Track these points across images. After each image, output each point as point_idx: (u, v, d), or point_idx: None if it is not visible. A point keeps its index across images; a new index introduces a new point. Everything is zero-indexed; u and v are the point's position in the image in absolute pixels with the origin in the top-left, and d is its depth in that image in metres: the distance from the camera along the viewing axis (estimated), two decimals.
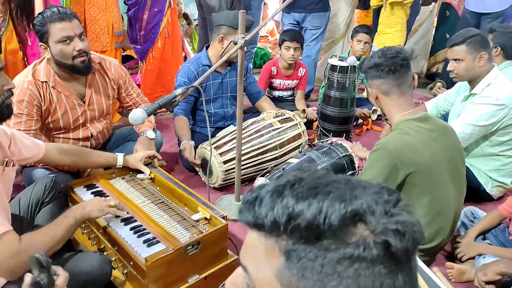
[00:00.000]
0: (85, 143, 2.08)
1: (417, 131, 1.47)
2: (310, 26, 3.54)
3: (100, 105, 2.04)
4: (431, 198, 1.48)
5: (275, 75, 3.14)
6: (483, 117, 1.98)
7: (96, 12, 2.85)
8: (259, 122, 2.31)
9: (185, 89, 1.52)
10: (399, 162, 1.42)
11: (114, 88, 2.08)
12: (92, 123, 2.06)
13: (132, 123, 1.40)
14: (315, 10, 3.45)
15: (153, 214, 1.54)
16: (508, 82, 2.05)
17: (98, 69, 2.00)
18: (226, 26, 2.30)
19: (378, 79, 1.48)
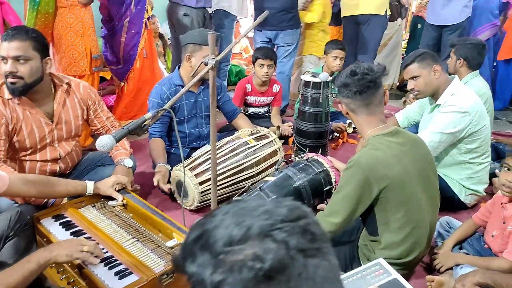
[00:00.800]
0: (53, 166, 2.01)
1: (388, 146, 1.48)
2: (282, 43, 3.58)
3: (68, 125, 1.99)
4: (406, 211, 1.48)
5: (249, 92, 3.15)
6: (450, 125, 2.02)
7: (74, 37, 2.82)
8: (234, 141, 2.29)
9: (155, 112, 1.48)
10: (371, 177, 1.42)
11: (83, 109, 2.04)
12: (60, 143, 2.00)
13: (99, 149, 1.35)
14: (287, 28, 3.50)
15: (126, 243, 1.49)
16: (470, 92, 2.13)
17: (67, 89, 1.96)
18: (192, 44, 2.30)
19: (347, 98, 1.51)
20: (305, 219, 0.54)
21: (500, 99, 4.21)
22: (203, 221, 0.57)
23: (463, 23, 3.65)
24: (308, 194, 2.05)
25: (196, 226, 0.57)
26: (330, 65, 3.21)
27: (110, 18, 3.02)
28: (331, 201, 1.54)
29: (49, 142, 1.95)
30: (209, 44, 1.71)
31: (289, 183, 2.03)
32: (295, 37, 3.62)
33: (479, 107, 2.08)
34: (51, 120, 1.92)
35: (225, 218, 0.54)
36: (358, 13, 3.78)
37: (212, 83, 1.75)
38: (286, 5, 3.42)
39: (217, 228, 0.53)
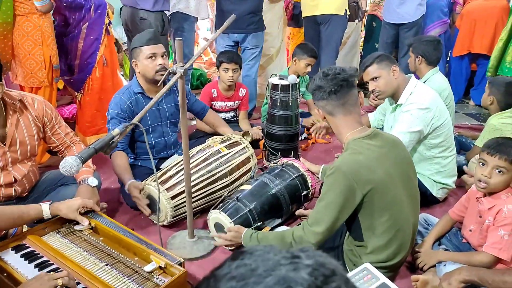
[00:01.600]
0: (8, 191, 1.83)
1: (369, 149, 1.47)
2: (250, 46, 3.53)
3: (23, 146, 1.82)
4: (390, 215, 1.46)
5: (215, 97, 3.06)
6: (414, 122, 2.05)
7: (31, 46, 2.59)
8: (205, 150, 2.20)
9: (123, 128, 1.37)
10: (354, 182, 1.40)
11: (39, 126, 1.87)
12: (15, 166, 1.82)
13: (64, 174, 1.22)
14: (254, 30, 3.45)
15: (99, 272, 1.36)
16: (427, 88, 2.18)
17: (19, 107, 1.79)
18: (134, 49, 2.21)
19: (322, 100, 1.50)
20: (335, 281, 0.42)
21: (455, 94, 4.37)
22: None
23: (418, 21, 3.77)
24: (286, 200, 2.01)
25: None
26: (301, 70, 3.16)
27: (65, 24, 2.82)
28: (314, 210, 1.50)
29: (2, 167, 1.77)
30: (177, 50, 1.62)
31: (266, 190, 1.97)
32: (261, 39, 3.57)
33: (438, 102, 2.13)
34: (4, 143, 1.75)
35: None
36: (319, 13, 3.79)
37: (181, 92, 1.66)
38: (253, 7, 3.36)
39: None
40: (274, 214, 1.98)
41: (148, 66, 2.16)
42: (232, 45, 3.55)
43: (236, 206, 1.89)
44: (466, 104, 4.43)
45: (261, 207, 1.91)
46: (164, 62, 2.16)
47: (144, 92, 2.25)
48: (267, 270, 0.43)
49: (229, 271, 0.44)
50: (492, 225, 1.57)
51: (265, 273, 0.42)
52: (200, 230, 2.04)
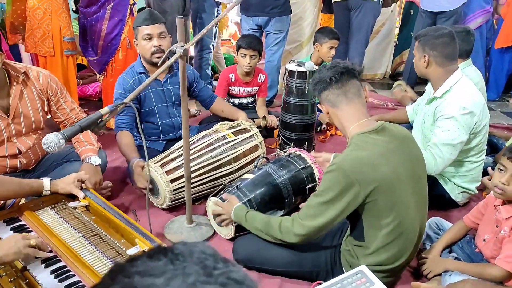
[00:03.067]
0: (13, 162, 1.86)
1: (374, 144, 1.35)
2: (273, 30, 3.40)
3: (27, 119, 1.83)
4: (394, 216, 1.35)
5: (233, 82, 2.98)
6: (459, 131, 1.84)
7: (41, 15, 2.63)
8: (211, 135, 2.14)
9: (113, 107, 1.33)
10: (356, 182, 1.29)
11: (43, 100, 1.88)
12: (19, 138, 1.85)
13: (45, 149, 1.20)
14: (278, 14, 3.32)
15: (82, 251, 1.35)
16: (471, 86, 1.93)
17: (23, 79, 1.79)
18: (134, 29, 2.18)
19: (324, 91, 1.43)
20: None
21: (493, 89, 4.08)
22: None
23: (458, 9, 3.49)
24: (289, 192, 1.92)
25: None
26: (325, 55, 3.00)
27: (89, 3, 2.82)
28: (307, 204, 1.41)
29: (7, 138, 1.80)
30: (178, 30, 1.55)
31: (269, 180, 1.90)
32: (286, 24, 3.43)
33: (481, 104, 1.91)
34: (7, 114, 1.77)
35: None
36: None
37: (182, 73, 1.60)
38: None
39: None
40: (275, 206, 1.90)
41: (145, 47, 2.14)
42: (256, 28, 3.44)
43: (235, 194, 1.82)
44: (506, 102, 4.11)
45: (261, 198, 1.84)
46: (160, 43, 2.11)
47: (146, 72, 2.22)
48: None
49: (143, 270, 0.42)
50: (508, 236, 1.41)
51: None
52: (200, 216, 2.00)
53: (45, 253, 1.28)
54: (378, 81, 4.88)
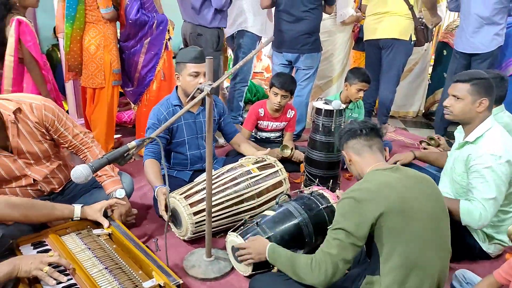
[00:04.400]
0: (34, 188, 1.90)
1: (384, 175, 1.44)
2: (302, 66, 3.48)
3: (32, 153, 1.83)
4: (406, 245, 1.35)
5: (262, 116, 3.03)
6: (500, 180, 1.77)
7: (94, 50, 2.83)
8: (236, 169, 2.17)
9: (140, 141, 1.39)
10: (365, 207, 1.35)
11: (42, 131, 1.85)
12: (31, 168, 1.86)
13: (74, 181, 1.27)
14: (308, 51, 3.39)
15: (101, 280, 1.38)
16: (502, 135, 1.86)
17: (16, 117, 1.75)
18: (178, 63, 2.24)
19: (352, 140, 1.58)
20: None
21: None
22: None
23: (494, 52, 3.42)
24: (310, 232, 1.89)
25: None
26: (352, 96, 3.01)
27: (128, 37, 3.01)
28: (327, 236, 1.45)
29: (19, 173, 1.83)
30: (207, 69, 1.62)
31: (289, 219, 1.88)
32: (316, 61, 3.50)
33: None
34: (11, 151, 1.79)
35: None
36: (381, 37, 3.63)
37: (208, 110, 1.66)
38: (308, 28, 3.31)
39: None
40: (295, 244, 1.87)
41: (190, 83, 2.20)
42: (286, 64, 3.52)
43: (255, 231, 1.82)
44: None
45: (281, 236, 1.82)
46: (204, 81, 2.19)
47: (181, 105, 2.30)
48: None
49: None
50: None
51: None
52: (219, 250, 2.00)
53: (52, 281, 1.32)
54: (410, 119, 4.80)
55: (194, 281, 1.82)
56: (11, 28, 2.39)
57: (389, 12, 3.57)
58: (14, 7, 2.45)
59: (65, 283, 1.34)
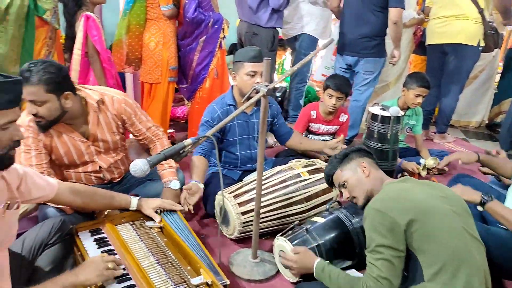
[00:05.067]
0: (97, 175, 2.04)
1: (399, 184, 1.49)
2: (362, 71, 3.37)
3: (105, 142, 1.98)
4: (446, 244, 1.30)
5: (314, 119, 2.98)
6: None
7: (154, 47, 2.93)
8: (285, 171, 2.14)
9: (196, 139, 1.41)
10: (393, 215, 1.32)
11: (118, 124, 2.00)
12: (100, 156, 2.00)
13: (133, 174, 1.31)
14: (369, 55, 3.28)
15: (151, 272, 1.41)
16: None
17: (99, 106, 1.90)
18: (235, 62, 2.23)
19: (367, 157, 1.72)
20: None
21: None
22: None
23: None
24: (361, 242, 1.82)
25: None
26: (410, 101, 2.88)
27: (184, 36, 3.09)
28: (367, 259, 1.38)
29: (88, 159, 1.96)
30: (264, 70, 1.61)
31: (340, 227, 1.83)
32: (377, 66, 3.36)
33: None
34: (87, 138, 1.92)
35: None
36: (446, 42, 3.43)
37: (263, 112, 1.64)
38: (369, 31, 3.20)
39: None
40: (344, 254, 1.81)
41: (247, 82, 2.20)
42: (346, 67, 3.44)
43: (304, 237, 1.78)
44: None
45: (330, 245, 1.77)
46: (261, 81, 2.18)
47: (235, 105, 2.31)
48: None
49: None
50: None
51: None
52: (265, 253, 1.99)
53: (120, 271, 1.38)
54: (472, 129, 4.50)
55: (238, 281, 1.82)
56: (80, 24, 2.53)
57: (457, 16, 3.36)
58: (84, 4, 2.59)
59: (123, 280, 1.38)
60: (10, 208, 1.27)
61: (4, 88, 1.07)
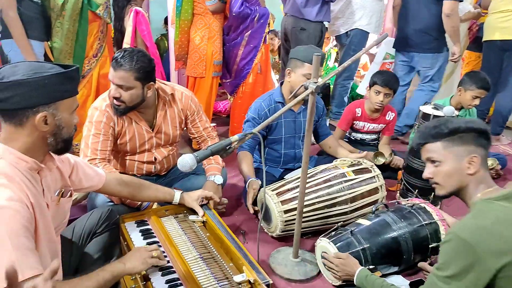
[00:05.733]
0: (149, 167, 2.09)
1: (501, 208, 1.15)
2: (419, 67, 3.24)
3: (167, 134, 2.05)
4: None
5: (359, 117, 2.88)
6: None
7: (199, 41, 2.96)
8: (330, 170, 2.09)
9: (243, 135, 1.39)
10: (482, 253, 1.08)
11: (182, 119, 2.08)
12: (157, 149, 2.07)
13: (180, 169, 1.31)
14: (425, 50, 3.13)
15: (195, 267, 1.42)
16: None
17: (169, 100, 2.01)
18: (294, 59, 2.16)
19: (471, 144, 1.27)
20: None
21: None
22: None
23: None
24: (409, 248, 1.74)
25: None
26: (466, 102, 2.71)
27: (229, 31, 3.08)
28: (432, 279, 1.21)
29: (147, 148, 2.03)
30: (313, 66, 1.56)
31: (387, 231, 1.75)
32: (436, 62, 3.21)
33: None
34: (152, 129, 2.00)
35: None
36: (507, 38, 3.19)
37: (310, 108, 1.60)
38: (425, 26, 3.06)
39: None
40: (390, 260, 1.74)
41: (302, 82, 2.13)
42: (404, 63, 3.32)
43: (348, 240, 1.73)
44: None
45: (376, 249, 1.70)
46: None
47: (283, 103, 2.27)
48: None
49: None
50: None
51: None
52: (306, 252, 1.95)
53: (164, 262, 1.40)
54: None
55: (278, 280, 1.80)
56: (130, 18, 2.59)
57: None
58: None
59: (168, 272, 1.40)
60: (64, 195, 1.32)
61: (73, 75, 1.16)
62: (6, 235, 1.01)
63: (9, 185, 1.07)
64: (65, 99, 1.14)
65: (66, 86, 1.14)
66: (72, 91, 1.17)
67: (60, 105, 1.14)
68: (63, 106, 1.14)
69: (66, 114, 1.16)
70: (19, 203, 1.06)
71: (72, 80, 1.16)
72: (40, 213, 1.14)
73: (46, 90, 1.09)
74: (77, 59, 2.50)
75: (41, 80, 1.08)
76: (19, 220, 1.05)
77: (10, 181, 1.08)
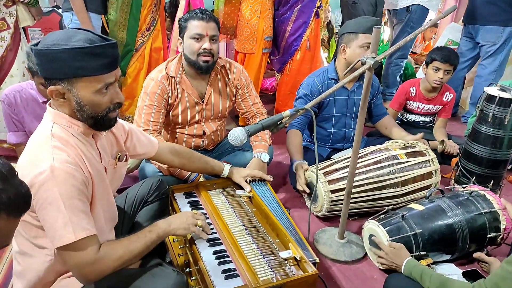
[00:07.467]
0: (198, 141, 2.11)
1: None
2: (482, 41, 3.00)
3: (216, 106, 2.05)
4: None
5: (413, 96, 2.73)
6: None
7: (251, 16, 2.90)
8: (381, 152, 2.00)
9: (294, 111, 1.35)
10: None
11: (232, 91, 2.08)
12: (207, 122, 2.08)
13: (230, 142, 1.30)
14: (490, 23, 2.88)
15: (241, 241, 1.43)
16: None
17: (221, 71, 2.01)
18: (347, 33, 2.07)
19: None
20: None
21: None
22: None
23: None
24: (465, 236, 1.64)
25: None
26: None
27: (279, 5, 2.99)
28: (500, 273, 1.13)
29: (197, 120, 2.04)
30: (372, 41, 1.47)
31: (442, 217, 1.66)
32: (500, 36, 2.96)
33: None
34: (202, 100, 2.00)
35: None
36: None
37: (366, 86, 1.52)
38: None
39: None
40: (443, 248, 1.66)
41: (360, 55, 2.03)
42: (468, 39, 3.10)
43: (399, 224, 1.66)
44: None
45: (429, 235, 1.62)
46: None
47: (337, 79, 2.19)
48: None
49: None
50: None
51: None
52: (352, 234, 1.91)
53: (206, 235, 1.40)
54: None
55: (323, 259, 1.78)
56: None
57: None
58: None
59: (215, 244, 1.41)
60: (120, 160, 1.36)
61: (99, 52, 1.05)
62: (60, 197, 1.03)
63: (64, 148, 1.08)
64: (80, 76, 1.05)
65: (81, 63, 1.03)
66: (91, 69, 1.05)
67: (76, 82, 1.06)
68: (80, 84, 1.06)
69: (85, 92, 1.07)
70: (74, 166, 1.07)
71: (92, 57, 1.04)
72: (97, 177, 1.17)
73: (57, 65, 1.03)
74: (130, 31, 2.55)
75: (53, 53, 1.02)
76: (73, 182, 1.06)
77: (64, 144, 1.09)
